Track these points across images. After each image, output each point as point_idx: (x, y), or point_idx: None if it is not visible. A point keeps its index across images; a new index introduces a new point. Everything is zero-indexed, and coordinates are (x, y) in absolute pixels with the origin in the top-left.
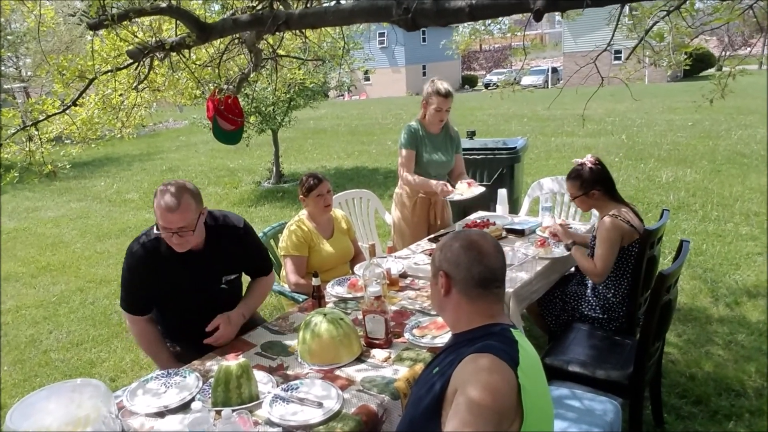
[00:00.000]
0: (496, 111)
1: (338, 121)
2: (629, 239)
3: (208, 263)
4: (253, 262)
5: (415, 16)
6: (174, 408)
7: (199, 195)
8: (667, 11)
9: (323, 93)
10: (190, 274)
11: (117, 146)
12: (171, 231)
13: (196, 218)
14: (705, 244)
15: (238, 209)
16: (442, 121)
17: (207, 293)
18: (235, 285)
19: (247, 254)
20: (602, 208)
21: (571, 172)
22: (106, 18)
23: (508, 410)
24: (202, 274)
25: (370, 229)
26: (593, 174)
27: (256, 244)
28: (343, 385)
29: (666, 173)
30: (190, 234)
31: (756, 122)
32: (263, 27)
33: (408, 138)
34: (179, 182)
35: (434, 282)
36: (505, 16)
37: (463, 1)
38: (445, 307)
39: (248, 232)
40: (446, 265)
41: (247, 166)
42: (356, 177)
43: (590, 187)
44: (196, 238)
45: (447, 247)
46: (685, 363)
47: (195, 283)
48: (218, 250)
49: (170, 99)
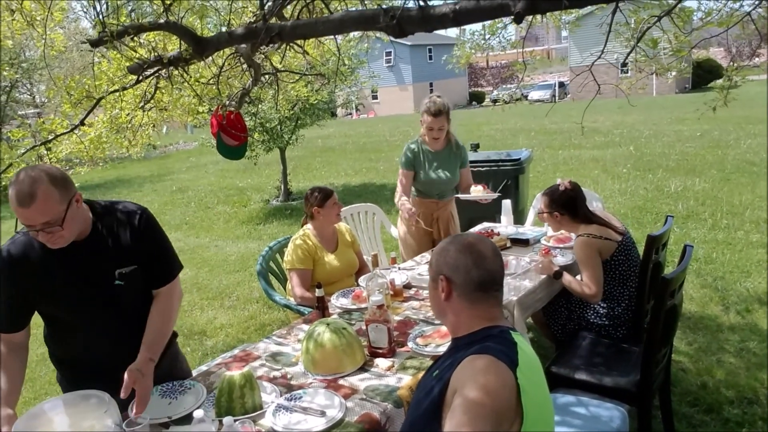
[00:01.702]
0: (504, 126)
1: (346, 140)
2: (608, 251)
3: (95, 254)
4: (153, 259)
5: (401, 22)
6: (178, 418)
7: (63, 180)
8: (658, 16)
9: (330, 112)
10: (74, 269)
11: (128, 168)
12: (35, 229)
13: (63, 209)
14: (715, 253)
15: (246, 227)
16: (437, 139)
17: (99, 290)
18: (134, 280)
19: (144, 247)
20: (570, 229)
21: (546, 189)
22: (106, 34)
23: (507, 411)
24: (90, 267)
25: (376, 243)
26: (561, 198)
27: (158, 238)
28: (346, 394)
29: (675, 183)
30: (59, 229)
31: (765, 131)
32: (257, 39)
33: (405, 158)
34: (35, 170)
35: (434, 287)
36: (488, 20)
37: (447, 7)
38: (445, 312)
39: (149, 222)
40: (446, 269)
41: (255, 185)
42: (364, 193)
43: (554, 208)
44: (73, 229)
45: (445, 251)
46: (697, 371)
47: (82, 280)
48: (108, 239)
49: (177, 118)
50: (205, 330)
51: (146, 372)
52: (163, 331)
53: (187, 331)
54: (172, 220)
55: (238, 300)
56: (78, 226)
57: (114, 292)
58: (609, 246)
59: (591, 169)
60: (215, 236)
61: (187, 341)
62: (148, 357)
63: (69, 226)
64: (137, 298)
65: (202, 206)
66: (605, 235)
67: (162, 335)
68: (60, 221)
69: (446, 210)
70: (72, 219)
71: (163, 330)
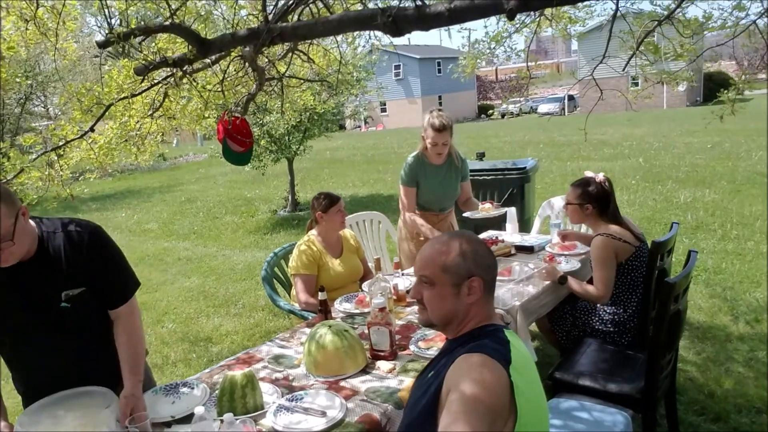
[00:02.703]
0: (512, 138)
1: (354, 151)
2: (624, 255)
3: (41, 275)
4: (104, 279)
5: (398, 21)
6: (181, 418)
7: (7, 193)
8: (659, 20)
9: (339, 123)
10: (19, 291)
11: (138, 179)
12: None
13: (12, 223)
14: (724, 263)
15: (254, 237)
16: (440, 154)
17: (44, 314)
18: (83, 302)
19: (93, 266)
20: (593, 225)
21: (578, 180)
22: (113, 36)
23: (501, 408)
24: (35, 289)
25: (382, 251)
26: (597, 191)
27: (109, 256)
28: (347, 395)
29: (684, 194)
30: (11, 244)
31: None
32: (259, 40)
33: (406, 176)
34: None
35: (455, 292)
36: (483, 18)
37: (442, 5)
38: (456, 315)
39: (99, 239)
40: (478, 269)
41: (263, 195)
42: (371, 204)
43: (587, 200)
44: (23, 244)
45: (474, 252)
46: (704, 380)
47: (28, 302)
48: (54, 258)
49: (185, 126)
50: (211, 337)
51: (138, 395)
52: (139, 351)
53: (192, 338)
54: (180, 230)
55: (244, 308)
56: (27, 241)
57: (61, 315)
58: (626, 249)
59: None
60: (223, 245)
61: (193, 348)
62: (136, 380)
63: (20, 240)
64: (89, 320)
65: (210, 216)
66: (624, 238)
67: (139, 356)
68: (10, 235)
69: (446, 222)
70: (22, 233)
71: (138, 350)
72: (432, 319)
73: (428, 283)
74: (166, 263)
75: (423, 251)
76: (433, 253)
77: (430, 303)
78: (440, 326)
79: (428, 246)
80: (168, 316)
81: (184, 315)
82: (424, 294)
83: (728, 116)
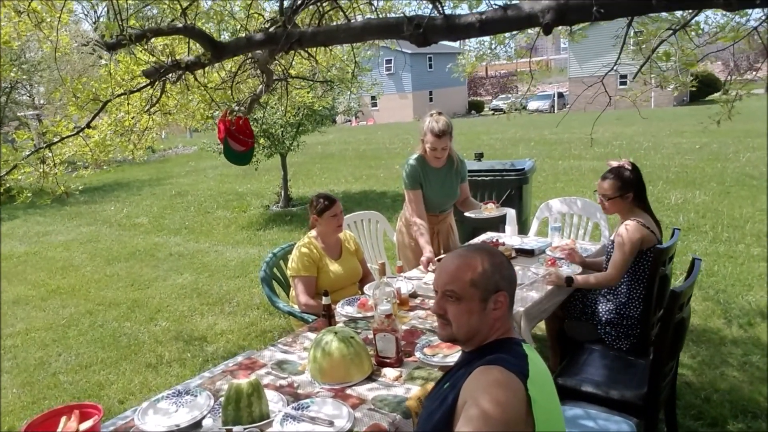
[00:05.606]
0: (503, 135)
1: (346, 146)
2: (648, 243)
3: None
4: None
5: (427, 31)
6: (185, 427)
7: None
8: (673, 30)
9: (331, 118)
10: None
11: (127, 172)
12: None
13: None
14: (716, 265)
15: (246, 232)
16: (439, 158)
17: None
18: None
19: None
20: (628, 213)
21: (611, 171)
22: (124, 38)
23: (518, 423)
24: None
25: (379, 251)
26: (631, 177)
27: None
28: (354, 403)
29: (675, 195)
30: None
31: (764, 145)
32: (276, 45)
33: (410, 179)
34: None
35: (482, 307)
36: (515, 31)
37: (473, 16)
38: (482, 328)
39: None
40: (504, 283)
41: (255, 190)
42: (364, 201)
43: (627, 188)
44: None
45: (500, 266)
46: (700, 384)
47: None
48: None
49: (181, 122)
50: (206, 336)
51: None
52: None
53: (187, 337)
54: (171, 225)
55: (239, 306)
56: None
57: None
58: (651, 240)
59: (591, 180)
60: (215, 241)
61: (187, 347)
62: None
63: None
64: None
65: (201, 211)
66: (652, 228)
67: None
68: None
69: (446, 222)
70: None
71: None
72: (456, 334)
73: (454, 297)
74: (158, 259)
75: (446, 266)
76: (460, 267)
77: (457, 318)
78: (463, 341)
79: (451, 260)
80: (161, 314)
81: (178, 313)
82: (449, 309)
83: (715, 115)
